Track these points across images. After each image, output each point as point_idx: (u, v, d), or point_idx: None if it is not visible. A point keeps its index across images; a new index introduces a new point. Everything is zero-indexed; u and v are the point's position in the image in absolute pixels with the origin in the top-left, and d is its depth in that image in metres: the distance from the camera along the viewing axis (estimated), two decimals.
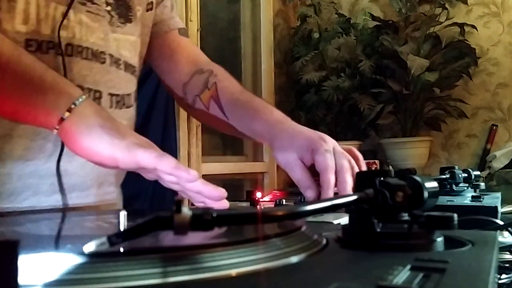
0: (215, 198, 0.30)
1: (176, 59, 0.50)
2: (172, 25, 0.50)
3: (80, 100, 0.30)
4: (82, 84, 0.38)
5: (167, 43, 0.50)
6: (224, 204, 0.32)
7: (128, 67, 0.44)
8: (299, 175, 0.36)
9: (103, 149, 0.29)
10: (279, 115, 0.43)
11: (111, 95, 0.41)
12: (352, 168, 0.36)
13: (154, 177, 0.33)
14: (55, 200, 0.38)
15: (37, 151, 0.37)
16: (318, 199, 0.33)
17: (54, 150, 0.37)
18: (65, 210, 0.38)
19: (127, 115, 0.44)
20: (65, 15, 0.37)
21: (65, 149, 0.36)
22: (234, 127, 0.45)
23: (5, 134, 0.36)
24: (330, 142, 0.37)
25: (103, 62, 0.40)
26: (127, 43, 0.44)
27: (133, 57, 0.45)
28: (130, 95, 0.45)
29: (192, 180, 0.29)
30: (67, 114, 0.29)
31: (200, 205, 0.32)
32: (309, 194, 0.33)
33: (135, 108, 0.47)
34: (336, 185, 0.34)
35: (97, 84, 0.39)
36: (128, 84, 0.44)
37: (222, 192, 0.31)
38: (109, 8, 0.42)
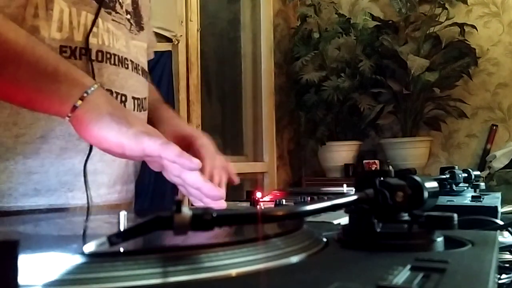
0: (214, 197, 0.31)
1: None
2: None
3: (92, 89, 0.31)
4: (110, 88, 0.40)
5: None
6: (222, 205, 0.32)
7: (144, 72, 0.47)
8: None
9: (111, 137, 0.30)
10: (171, 115, 0.47)
11: (134, 98, 0.43)
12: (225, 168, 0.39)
13: (159, 168, 0.33)
14: (88, 196, 0.40)
15: (72, 151, 0.38)
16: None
17: (87, 149, 0.39)
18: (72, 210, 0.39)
19: (144, 118, 0.46)
20: (93, 23, 0.39)
21: (95, 149, 0.38)
22: None
23: (43, 135, 0.37)
24: (207, 140, 0.41)
25: (127, 68, 0.42)
26: (142, 50, 0.47)
27: (146, 62, 0.48)
28: (146, 99, 0.47)
29: (194, 168, 0.29)
30: (79, 102, 0.30)
31: (199, 204, 0.33)
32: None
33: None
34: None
35: (122, 88, 0.41)
36: (144, 89, 0.47)
37: (222, 192, 0.31)
38: (128, 16, 0.44)
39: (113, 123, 0.30)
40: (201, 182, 0.31)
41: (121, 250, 0.15)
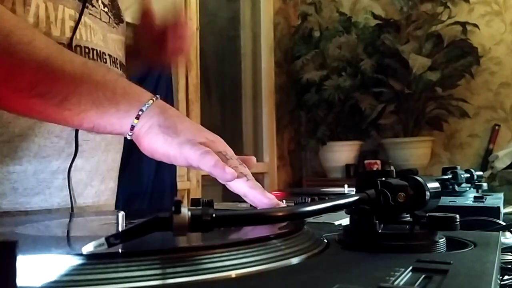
0: (261, 205, 0.30)
1: None
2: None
3: (147, 105, 0.32)
4: None
5: None
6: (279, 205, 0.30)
7: (122, 66, 0.46)
8: None
9: (159, 147, 0.31)
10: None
11: None
12: None
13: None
14: (66, 194, 0.40)
15: (51, 149, 0.39)
16: None
17: (65, 147, 0.39)
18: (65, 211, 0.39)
19: None
20: (78, 20, 0.39)
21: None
22: None
23: (22, 134, 0.37)
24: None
25: (105, 62, 0.42)
26: (120, 43, 0.47)
27: (124, 56, 0.48)
28: None
29: (229, 180, 0.29)
30: (136, 121, 0.31)
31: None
32: None
33: None
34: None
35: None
36: None
37: (269, 200, 0.29)
38: (106, 9, 0.44)
39: (160, 134, 0.31)
40: (246, 189, 0.30)
41: (120, 251, 0.15)
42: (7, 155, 0.37)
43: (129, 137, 0.32)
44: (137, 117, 0.31)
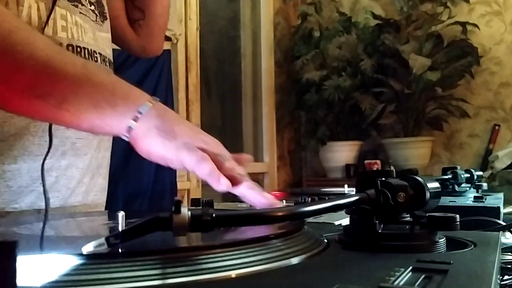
0: (260, 205, 0.30)
1: None
2: None
3: (146, 108, 0.32)
4: None
5: None
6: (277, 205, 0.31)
7: (110, 64, 0.47)
8: None
9: (156, 150, 0.31)
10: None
11: None
12: None
13: None
14: (58, 192, 0.40)
15: (44, 147, 0.39)
16: None
17: (59, 145, 0.40)
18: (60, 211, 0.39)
19: None
20: (49, 15, 0.38)
21: (66, 144, 0.39)
22: None
23: (17, 132, 0.38)
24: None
25: (96, 61, 0.43)
26: (107, 41, 0.47)
27: (111, 53, 0.48)
28: None
29: (223, 189, 0.30)
30: (133, 123, 0.31)
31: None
32: None
33: None
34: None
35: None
36: None
37: (267, 200, 0.29)
38: (92, 7, 0.45)
39: (158, 137, 0.31)
40: (245, 190, 0.30)
41: (120, 251, 0.15)
42: (2, 153, 0.37)
43: (126, 139, 0.32)
44: (135, 119, 0.31)
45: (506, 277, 0.25)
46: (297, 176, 1.96)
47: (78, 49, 0.40)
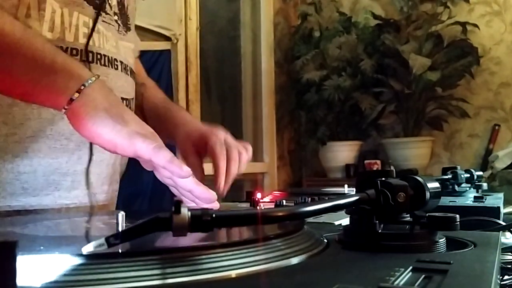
0: (206, 200, 0.31)
1: None
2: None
3: (90, 81, 0.31)
4: None
5: None
6: (215, 206, 0.32)
7: (132, 73, 0.47)
8: (190, 161, 0.43)
9: (105, 134, 0.30)
10: (186, 117, 0.50)
11: (123, 99, 0.43)
12: (239, 160, 0.41)
13: (151, 168, 0.33)
14: (74, 196, 0.40)
15: (60, 150, 0.39)
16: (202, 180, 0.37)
17: (76, 150, 0.40)
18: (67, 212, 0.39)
19: None
20: (92, 28, 0.39)
21: (87, 151, 0.39)
22: None
23: (33, 135, 0.38)
24: (221, 135, 0.43)
25: (116, 69, 0.43)
26: (130, 51, 0.47)
27: (133, 63, 0.48)
28: (134, 100, 0.47)
29: (184, 176, 0.29)
30: (76, 95, 0.30)
31: (191, 204, 0.33)
32: (196, 175, 0.36)
33: None
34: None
35: (112, 89, 0.41)
36: (132, 90, 0.47)
37: (213, 195, 0.31)
38: (116, 17, 0.45)
39: (108, 119, 0.30)
40: (192, 185, 0.31)
41: (120, 251, 0.15)
42: (18, 155, 0.37)
43: (63, 111, 0.31)
44: (78, 91, 0.29)
45: (506, 277, 0.25)
46: (297, 176, 1.96)
47: (98, 56, 0.40)
